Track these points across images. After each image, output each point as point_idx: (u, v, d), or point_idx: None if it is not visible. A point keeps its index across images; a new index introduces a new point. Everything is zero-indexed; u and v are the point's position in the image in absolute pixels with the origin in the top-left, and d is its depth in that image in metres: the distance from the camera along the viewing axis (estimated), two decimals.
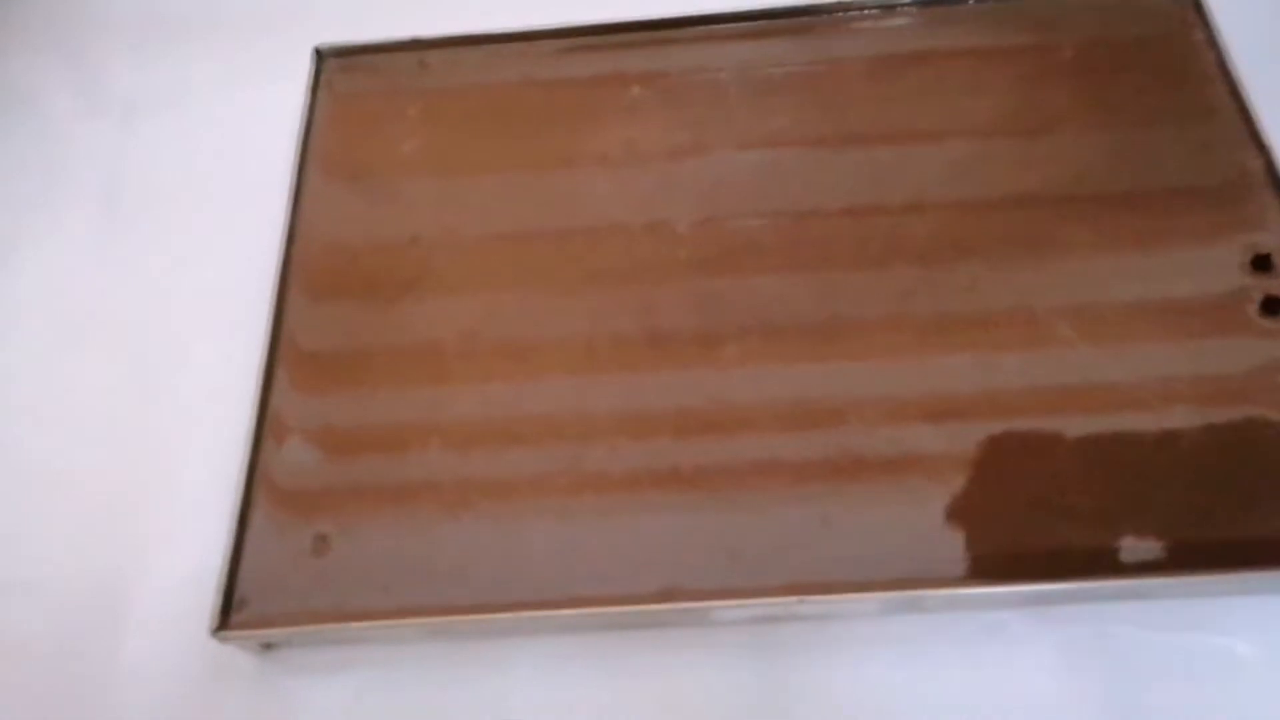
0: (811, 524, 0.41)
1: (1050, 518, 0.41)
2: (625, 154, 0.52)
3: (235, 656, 0.42)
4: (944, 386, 0.44)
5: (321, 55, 0.57)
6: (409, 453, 0.44)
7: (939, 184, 0.50)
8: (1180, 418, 0.42)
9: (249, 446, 0.45)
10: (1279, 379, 0.43)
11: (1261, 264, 0.45)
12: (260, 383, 0.46)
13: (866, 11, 0.55)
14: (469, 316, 0.48)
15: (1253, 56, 0.51)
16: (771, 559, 0.40)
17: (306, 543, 0.42)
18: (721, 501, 0.42)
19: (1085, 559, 0.40)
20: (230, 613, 0.41)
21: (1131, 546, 0.40)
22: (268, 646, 0.42)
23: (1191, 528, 0.40)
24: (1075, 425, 0.43)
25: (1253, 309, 0.44)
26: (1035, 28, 0.54)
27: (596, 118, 0.53)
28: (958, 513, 0.41)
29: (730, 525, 0.41)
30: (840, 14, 0.55)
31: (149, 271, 0.53)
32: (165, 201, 0.56)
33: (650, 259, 0.49)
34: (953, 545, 0.40)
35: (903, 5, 0.55)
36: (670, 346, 0.46)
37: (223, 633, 0.40)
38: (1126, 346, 0.44)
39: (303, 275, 0.50)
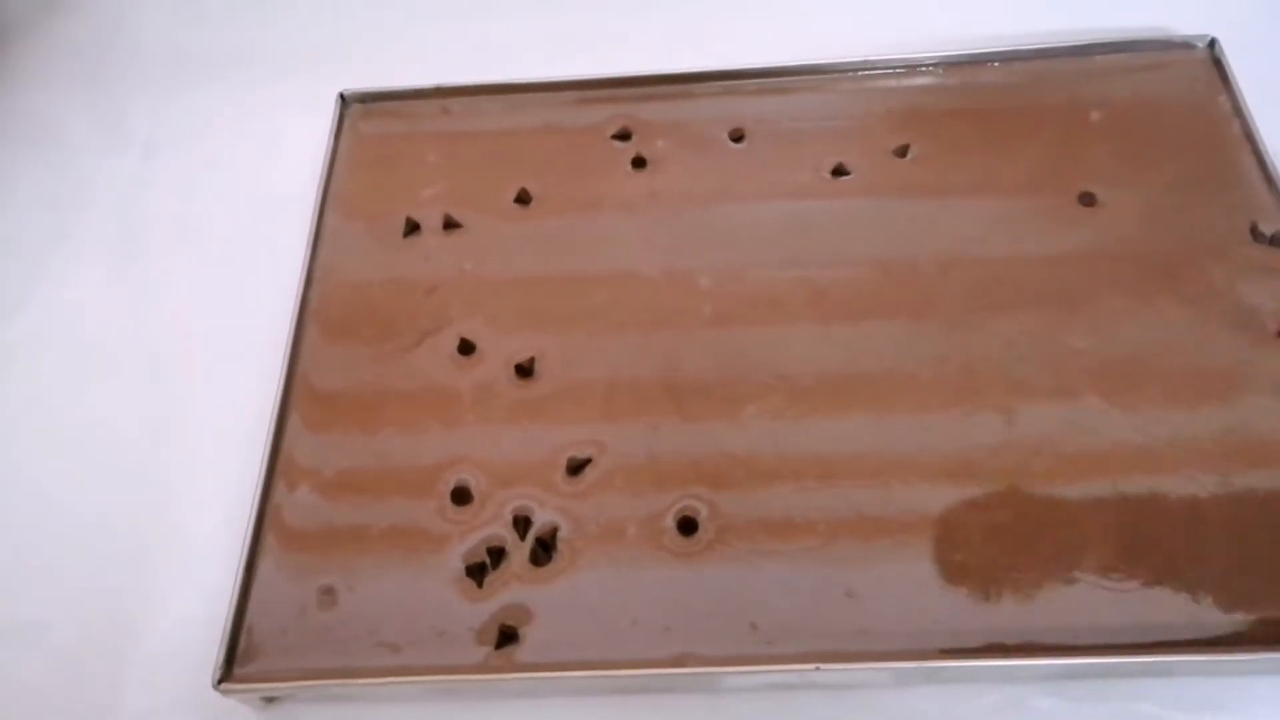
0: (835, 593, 0.40)
1: (1074, 592, 0.40)
2: (649, 205, 0.52)
3: (237, 710, 0.41)
4: (973, 450, 0.43)
5: (346, 100, 0.57)
6: (421, 500, 0.44)
7: (968, 242, 0.49)
8: (1208, 484, 0.42)
9: (259, 491, 0.44)
10: None
11: None
12: (273, 424, 0.46)
13: (890, 70, 0.55)
14: (486, 363, 0.47)
15: (1276, 121, 0.51)
16: (793, 628, 0.40)
17: (313, 595, 0.42)
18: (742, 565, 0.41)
19: (1112, 634, 0.39)
20: (234, 665, 0.40)
21: (1154, 622, 0.39)
22: (270, 700, 0.41)
23: (1215, 604, 0.39)
24: (1102, 490, 0.42)
25: None
26: (1060, 89, 0.54)
27: (619, 168, 0.53)
28: (980, 580, 0.40)
29: (752, 592, 0.41)
30: (864, 71, 0.55)
31: (165, 309, 0.53)
32: (184, 239, 0.56)
33: (672, 309, 0.48)
34: (975, 617, 0.39)
35: (927, 65, 0.55)
36: (690, 398, 0.46)
37: (225, 685, 0.40)
38: (1157, 409, 0.44)
39: (320, 316, 0.50)
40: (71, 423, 0.50)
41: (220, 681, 0.40)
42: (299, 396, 0.47)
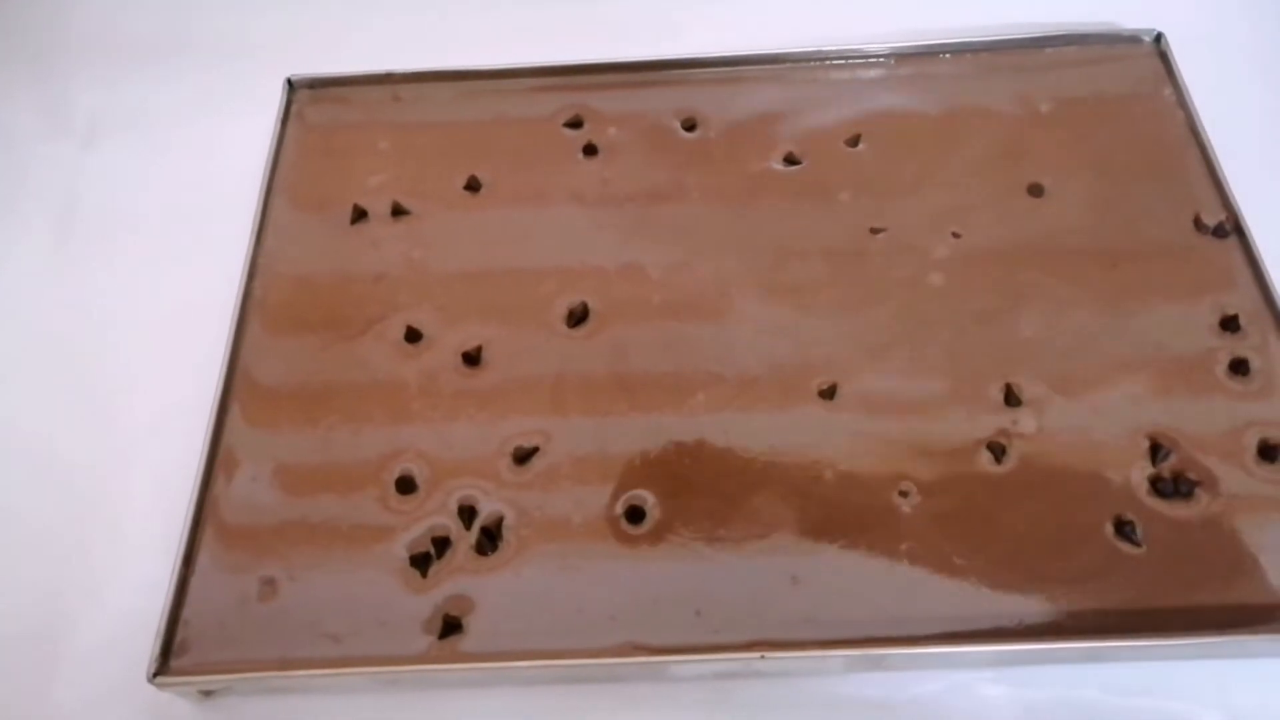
0: (780, 581, 0.40)
1: (1019, 579, 0.40)
2: (600, 194, 0.52)
3: (173, 704, 0.40)
4: (921, 439, 0.43)
5: (293, 85, 0.56)
6: (365, 490, 0.43)
7: (917, 231, 0.49)
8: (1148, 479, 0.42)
9: (198, 483, 0.43)
10: (1244, 441, 0.43)
11: (1229, 325, 0.45)
12: (213, 417, 0.45)
13: (843, 61, 0.55)
14: (433, 351, 0.47)
15: (1220, 114, 0.52)
16: (739, 616, 0.39)
17: (253, 586, 0.41)
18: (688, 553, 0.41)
19: (1049, 620, 0.39)
20: (169, 657, 0.39)
21: (1095, 609, 0.39)
22: (207, 694, 0.40)
23: (1154, 591, 0.39)
24: (1046, 482, 0.42)
25: (1221, 369, 0.44)
26: (1010, 81, 0.54)
27: (570, 156, 0.53)
28: (925, 570, 0.40)
29: (697, 580, 0.40)
30: (816, 61, 0.55)
31: (103, 298, 0.52)
32: (125, 227, 0.54)
33: (622, 301, 0.48)
34: (920, 604, 0.39)
35: (879, 56, 0.55)
36: (638, 387, 0.45)
37: (161, 678, 0.39)
38: (1101, 402, 0.44)
39: (262, 308, 0.49)
40: (5, 413, 0.48)
41: (155, 675, 0.39)
42: (240, 388, 0.46)
